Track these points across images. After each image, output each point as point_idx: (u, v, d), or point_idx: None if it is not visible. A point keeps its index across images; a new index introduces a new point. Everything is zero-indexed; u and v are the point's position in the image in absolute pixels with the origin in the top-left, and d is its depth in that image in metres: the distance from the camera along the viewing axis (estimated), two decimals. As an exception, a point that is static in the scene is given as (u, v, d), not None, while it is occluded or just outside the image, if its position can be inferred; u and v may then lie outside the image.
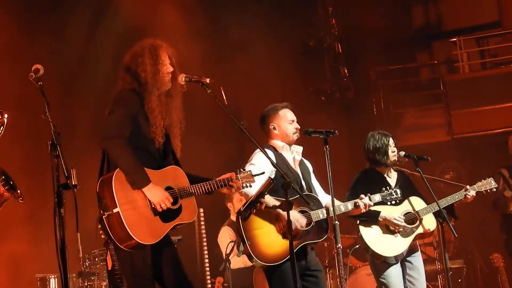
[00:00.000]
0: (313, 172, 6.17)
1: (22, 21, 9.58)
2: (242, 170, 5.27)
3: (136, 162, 4.79)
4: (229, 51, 11.66)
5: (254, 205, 5.63)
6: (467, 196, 6.59)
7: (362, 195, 5.98)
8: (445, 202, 6.52)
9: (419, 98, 13.83)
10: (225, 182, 5.13)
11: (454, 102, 13.18)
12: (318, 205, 5.80)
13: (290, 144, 5.93)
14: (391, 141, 6.64)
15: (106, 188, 4.77)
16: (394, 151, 6.62)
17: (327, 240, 9.43)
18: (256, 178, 5.30)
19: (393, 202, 6.22)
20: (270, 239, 5.57)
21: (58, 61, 9.59)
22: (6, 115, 4.92)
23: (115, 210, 4.70)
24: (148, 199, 4.79)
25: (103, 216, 4.72)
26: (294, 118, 5.97)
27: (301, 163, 6.03)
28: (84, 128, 9.61)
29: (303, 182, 5.90)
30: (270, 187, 5.01)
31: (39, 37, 9.69)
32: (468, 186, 6.66)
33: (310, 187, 5.95)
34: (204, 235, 9.77)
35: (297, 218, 5.56)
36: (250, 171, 5.27)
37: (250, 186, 5.26)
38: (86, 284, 8.31)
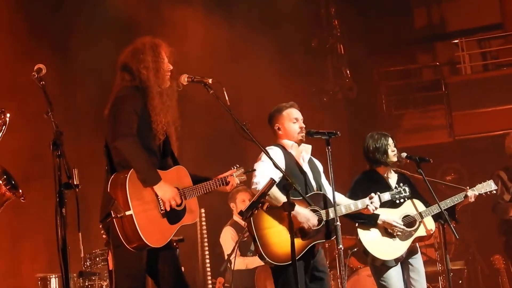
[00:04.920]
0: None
1: (27, 18, 9.58)
2: (237, 166, 5.30)
3: (148, 160, 4.80)
4: (231, 52, 11.66)
5: (256, 206, 5.64)
6: (467, 198, 6.57)
7: (372, 194, 5.98)
8: (444, 204, 6.50)
9: (421, 100, 13.84)
10: (224, 181, 5.16)
11: (456, 103, 13.18)
12: (329, 204, 5.76)
13: (298, 143, 5.92)
14: (390, 141, 6.62)
15: (119, 189, 4.73)
16: (394, 151, 6.60)
17: (328, 241, 9.50)
18: (248, 175, 5.36)
19: (402, 201, 6.24)
20: (281, 238, 5.53)
21: (62, 60, 9.58)
22: (8, 115, 4.91)
23: (127, 213, 4.67)
24: (158, 199, 4.79)
25: (114, 218, 4.69)
26: (299, 117, 5.94)
27: (311, 162, 6.02)
28: (86, 128, 9.60)
29: (312, 181, 5.88)
30: (272, 187, 5.02)
31: (43, 34, 9.69)
32: (468, 188, 6.65)
33: (320, 186, 5.93)
34: (206, 235, 9.77)
35: (308, 217, 5.56)
36: (242, 169, 5.29)
37: (242, 184, 5.30)
38: (87, 284, 8.29)
